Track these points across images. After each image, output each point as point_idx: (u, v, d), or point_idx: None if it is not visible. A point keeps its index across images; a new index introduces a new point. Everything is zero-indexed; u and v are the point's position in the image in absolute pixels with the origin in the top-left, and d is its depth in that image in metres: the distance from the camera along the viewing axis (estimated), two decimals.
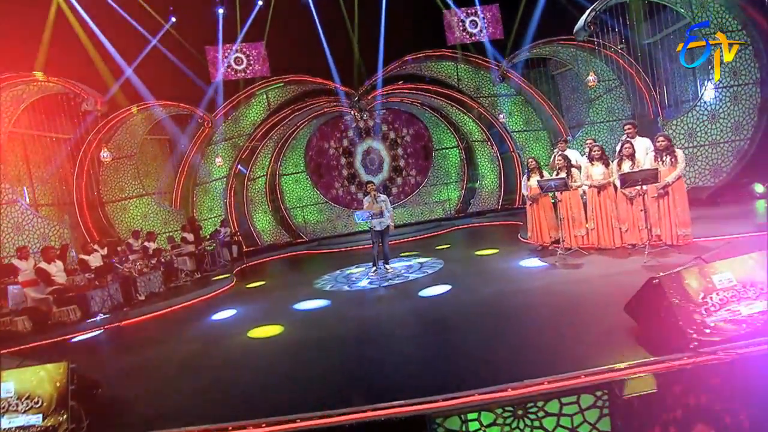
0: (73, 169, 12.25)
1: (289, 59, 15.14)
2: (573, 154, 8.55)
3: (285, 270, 12.16)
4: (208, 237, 13.18)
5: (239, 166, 15.39)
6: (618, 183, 6.84)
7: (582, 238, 7.81)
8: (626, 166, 7.14)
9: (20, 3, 10.90)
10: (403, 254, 10.43)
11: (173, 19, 14.55)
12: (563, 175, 7.62)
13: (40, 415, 3.38)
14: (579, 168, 7.89)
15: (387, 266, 8.36)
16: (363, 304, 6.78)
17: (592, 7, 10.61)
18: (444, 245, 11.29)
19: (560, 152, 8.38)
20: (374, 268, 8.33)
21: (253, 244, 15.39)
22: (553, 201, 8.35)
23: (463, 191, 16.35)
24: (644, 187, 6.52)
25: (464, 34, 14.53)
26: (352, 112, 15.69)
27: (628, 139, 7.38)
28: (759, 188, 9.68)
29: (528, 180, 8.37)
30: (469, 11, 14.58)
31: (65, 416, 3.36)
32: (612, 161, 7.48)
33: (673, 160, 6.77)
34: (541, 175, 8.20)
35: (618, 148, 7.31)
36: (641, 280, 3.69)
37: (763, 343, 3.00)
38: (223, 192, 15.11)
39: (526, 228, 8.97)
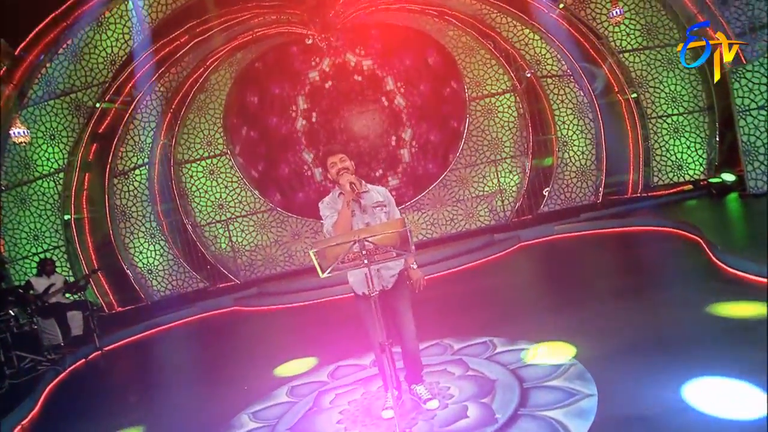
0: None
1: None
2: None
3: (163, 376, 5.50)
4: (12, 299, 6.53)
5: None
6: None
7: None
8: None
9: None
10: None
11: None
12: None
13: None
14: None
15: (419, 389, 3.33)
16: None
17: None
18: (530, 299, 5.49)
19: None
20: (389, 398, 3.13)
21: (130, 300, 8.79)
22: None
23: (527, 173, 9.64)
24: None
25: None
26: (309, 35, 9.05)
27: None
28: None
29: None
30: None
31: None
32: None
33: None
34: None
35: None
36: None
37: None
38: (60, 201, 8.36)
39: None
